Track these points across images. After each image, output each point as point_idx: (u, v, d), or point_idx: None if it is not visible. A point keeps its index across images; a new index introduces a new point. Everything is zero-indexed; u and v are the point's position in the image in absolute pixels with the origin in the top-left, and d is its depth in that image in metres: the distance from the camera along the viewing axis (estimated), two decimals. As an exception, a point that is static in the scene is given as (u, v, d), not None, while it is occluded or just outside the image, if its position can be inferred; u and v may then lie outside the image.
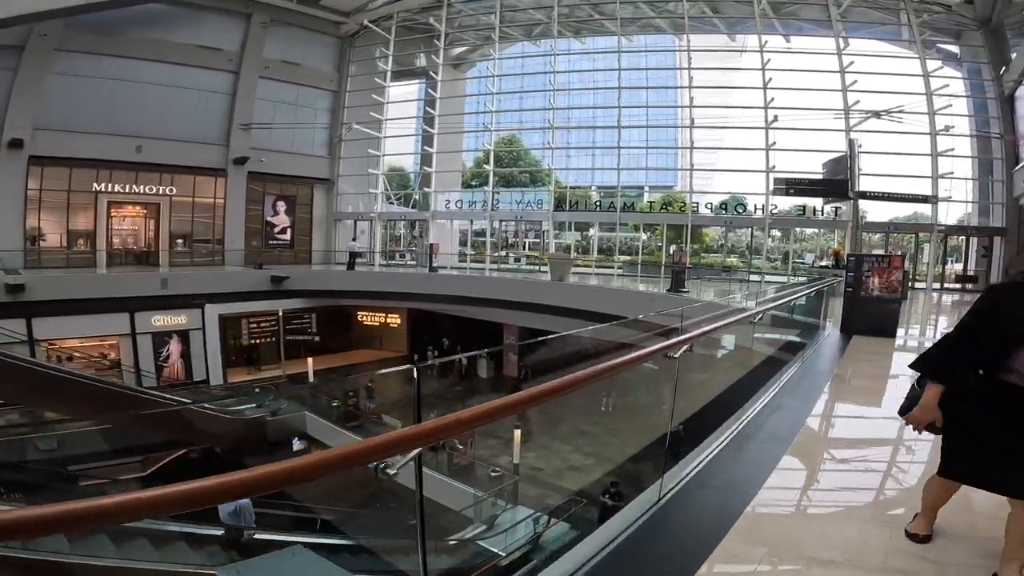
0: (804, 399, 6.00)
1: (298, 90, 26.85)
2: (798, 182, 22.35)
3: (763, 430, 5.03)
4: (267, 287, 22.57)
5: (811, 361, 7.92)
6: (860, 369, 7.83)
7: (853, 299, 9.73)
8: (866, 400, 6.35)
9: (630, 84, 27.12)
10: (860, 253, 14.50)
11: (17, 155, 19.71)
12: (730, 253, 29.32)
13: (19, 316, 16.99)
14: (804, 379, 6.85)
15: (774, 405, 5.81)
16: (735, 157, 26.35)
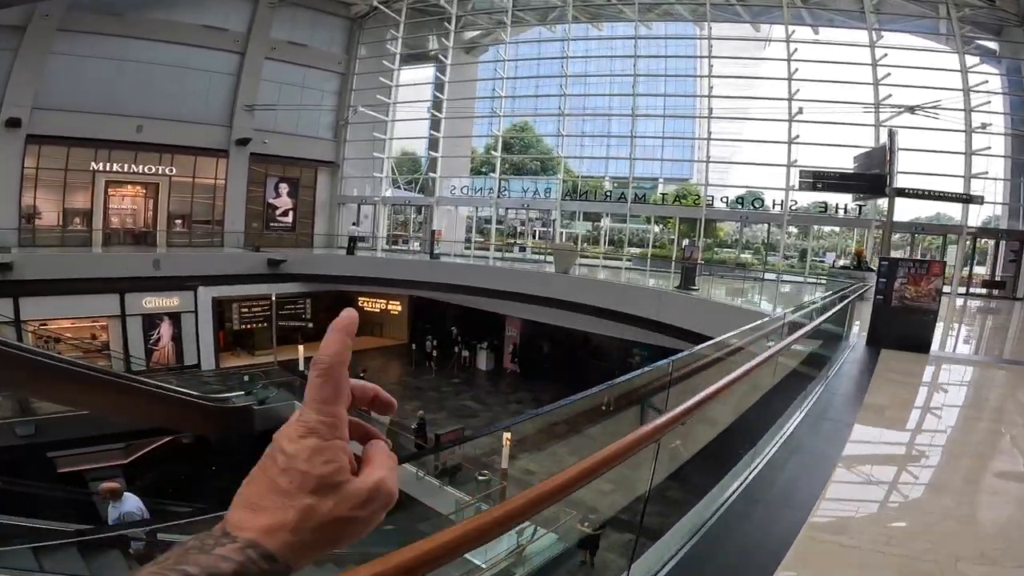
0: (830, 440, 4.75)
1: (305, 72, 25.75)
2: (827, 176, 20.62)
3: (776, 488, 3.80)
4: (263, 270, 21.65)
5: (836, 383, 6.62)
6: (896, 394, 6.52)
7: (884, 308, 8.38)
8: (912, 441, 5.06)
9: (646, 72, 25.55)
10: (895, 256, 12.94)
11: (14, 134, 19.00)
12: (745, 249, 27.82)
13: (6, 296, 16.19)
14: (829, 409, 5.58)
15: (792, 446, 4.58)
16: (755, 150, 24.78)
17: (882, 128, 21.31)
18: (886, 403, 6.09)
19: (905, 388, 6.82)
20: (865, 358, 8.06)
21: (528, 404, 19.70)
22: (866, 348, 8.65)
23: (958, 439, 5.04)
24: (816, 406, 5.65)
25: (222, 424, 16.63)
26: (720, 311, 14.40)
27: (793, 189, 22.45)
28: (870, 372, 7.28)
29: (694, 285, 16.35)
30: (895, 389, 6.70)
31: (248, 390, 17.68)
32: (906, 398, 6.38)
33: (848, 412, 5.60)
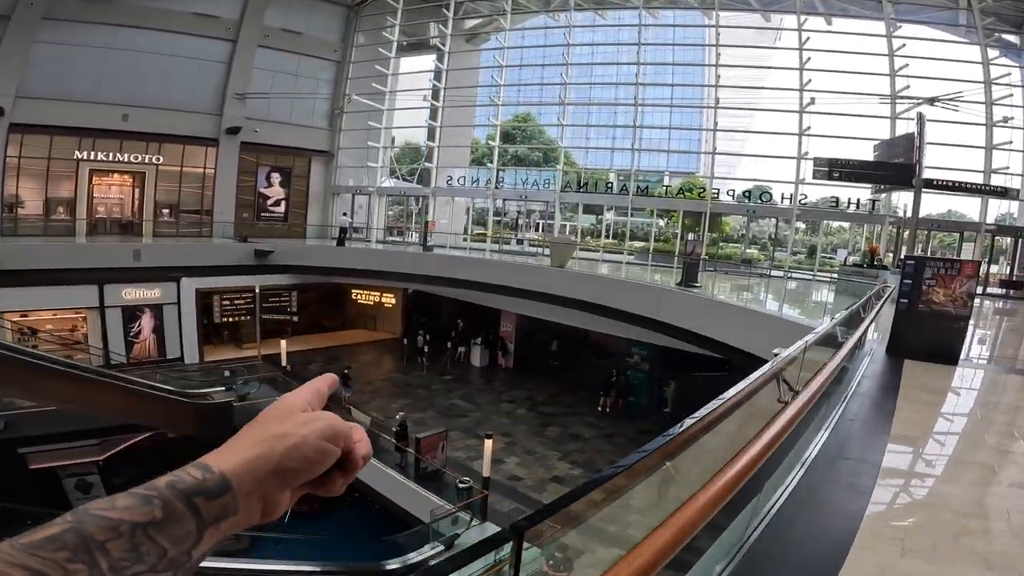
0: (851, 491, 3.62)
1: (299, 60, 24.68)
2: (844, 164, 19.09)
3: (780, 562, 2.72)
4: (250, 261, 20.66)
5: (854, 404, 5.46)
6: (930, 420, 5.36)
7: (909, 313, 7.20)
8: (960, 491, 3.91)
9: (651, 62, 24.22)
10: (922, 255, 11.53)
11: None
12: (751, 244, 26.50)
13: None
14: (848, 443, 4.44)
15: (801, 499, 3.49)
16: (764, 142, 23.40)
17: (899, 120, 19.96)
18: (918, 432, 4.93)
19: (939, 410, 5.66)
20: (887, 371, 6.89)
21: (522, 403, 18.61)
22: (886, 358, 7.48)
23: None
24: (832, 437, 4.51)
25: (200, 421, 15.70)
26: (723, 311, 13.23)
27: (803, 182, 21.14)
28: (895, 390, 6.10)
29: (696, 282, 15.16)
30: (928, 412, 5.53)
31: (228, 385, 16.78)
32: (943, 425, 5.21)
33: (872, 446, 4.45)
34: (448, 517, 11.02)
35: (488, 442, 11.71)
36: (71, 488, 15.46)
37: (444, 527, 11.07)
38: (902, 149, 17.82)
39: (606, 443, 15.96)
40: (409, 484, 12.47)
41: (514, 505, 12.30)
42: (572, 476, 13.83)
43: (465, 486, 11.84)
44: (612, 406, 18.57)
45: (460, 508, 11.24)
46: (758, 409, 2.98)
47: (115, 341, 18.12)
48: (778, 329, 11.31)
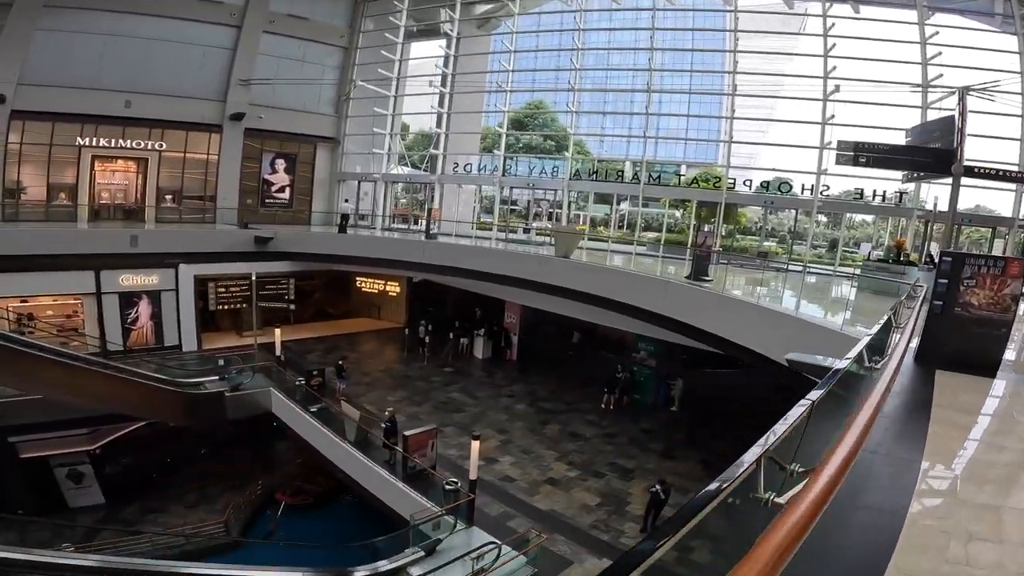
0: (871, 552, 2.66)
1: (305, 46, 23.88)
2: (871, 148, 17.47)
3: None
4: (250, 248, 20.07)
5: (877, 428, 4.41)
6: (965, 449, 4.32)
7: (943, 317, 6.11)
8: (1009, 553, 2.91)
9: (665, 47, 22.85)
10: (960, 251, 10.12)
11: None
12: (769, 237, 25.11)
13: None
14: (868, 484, 3.45)
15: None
16: (785, 131, 21.97)
17: (930, 110, 18.40)
18: (959, 468, 3.92)
19: (979, 437, 4.61)
20: (916, 384, 5.82)
21: (522, 399, 17.75)
22: (915, 367, 6.41)
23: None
24: (849, 477, 3.53)
25: (191, 412, 15.15)
26: (734, 307, 12.08)
27: (826, 172, 19.71)
28: (926, 409, 5.05)
29: (707, 276, 14.03)
30: (965, 441, 4.50)
31: (222, 375, 16.23)
32: (985, 456, 4.17)
33: (899, 488, 3.47)
34: (431, 521, 10.24)
35: (475, 443, 10.86)
36: (63, 478, 15.05)
37: (428, 531, 10.32)
38: (939, 134, 16.16)
39: (606, 443, 15.02)
40: (396, 483, 11.69)
41: (503, 508, 11.47)
42: (568, 478, 12.94)
43: (452, 488, 11.04)
44: (616, 403, 17.60)
45: (444, 512, 10.45)
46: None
47: (112, 328, 17.70)
48: (794, 329, 10.22)
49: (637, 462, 14.02)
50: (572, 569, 9.73)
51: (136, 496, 15.80)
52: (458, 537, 10.30)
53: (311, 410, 14.52)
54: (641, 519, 11.46)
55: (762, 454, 1.66)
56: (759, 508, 1.64)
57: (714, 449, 14.99)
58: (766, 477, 1.69)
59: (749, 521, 1.68)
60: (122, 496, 15.65)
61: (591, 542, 10.45)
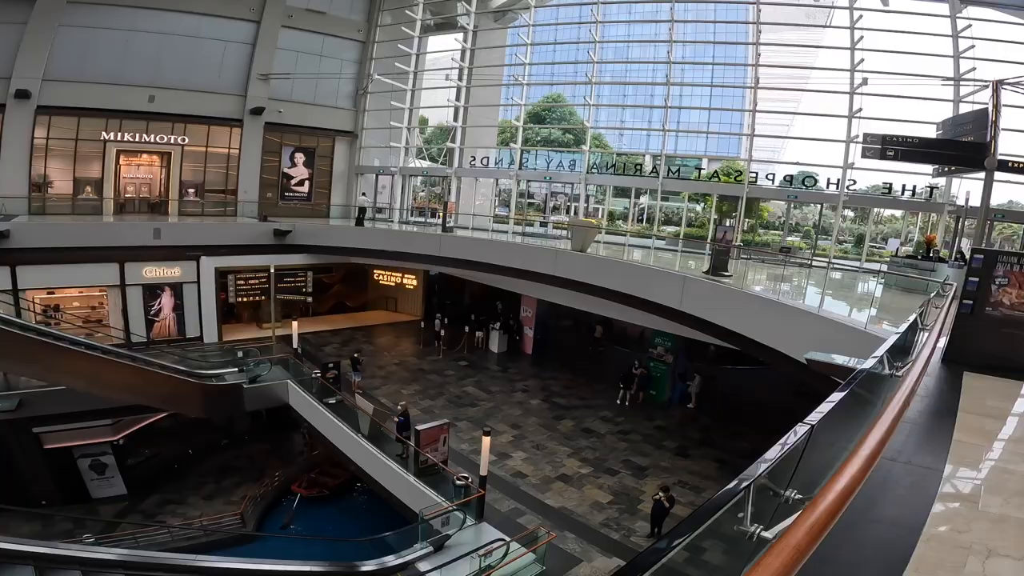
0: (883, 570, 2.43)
1: (323, 40, 23.91)
2: (900, 141, 16.75)
3: None
4: (269, 240, 20.27)
5: (899, 432, 4.15)
6: (993, 458, 4.02)
7: (974, 317, 5.76)
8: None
9: (685, 39, 22.31)
10: (993, 248, 9.60)
11: (24, 105, 18.20)
12: (793, 232, 24.42)
13: (3, 264, 15.40)
14: (884, 496, 3.21)
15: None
16: (810, 125, 21.31)
17: (962, 103, 17.60)
18: (983, 477, 3.63)
19: (1006, 442, 4.29)
20: (942, 387, 5.49)
21: (536, 394, 17.59)
22: (942, 368, 6.06)
23: None
24: (864, 486, 3.29)
25: (210, 403, 15.27)
26: (753, 304, 11.70)
27: (852, 167, 19.04)
28: (951, 414, 4.74)
29: (726, 271, 13.66)
30: (991, 448, 4.19)
31: (241, 367, 16.37)
32: (1014, 467, 3.87)
33: (918, 499, 3.21)
34: (441, 516, 10.18)
35: (486, 439, 10.74)
36: (86, 468, 15.31)
37: (437, 526, 10.26)
38: (971, 127, 15.38)
39: (620, 440, 14.77)
40: (408, 478, 11.64)
41: (514, 505, 11.35)
42: (580, 475, 12.75)
43: (463, 483, 10.97)
44: (631, 400, 17.33)
45: (454, 508, 10.38)
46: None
47: (136, 320, 18.06)
48: (816, 327, 9.85)
49: (651, 460, 13.76)
50: (580, 567, 9.57)
51: (157, 487, 16.09)
52: (467, 533, 10.22)
53: (327, 403, 14.54)
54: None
55: (745, 487, 1.45)
56: (744, 543, 1.45)
57: (730, 448, 14.65)
58: (755, 506, 1.49)
59: (736, 555, 1.49)
60: (143, 487, 15.95)
61: (601, 540, 10.27)
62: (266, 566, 8.27)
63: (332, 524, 14.99)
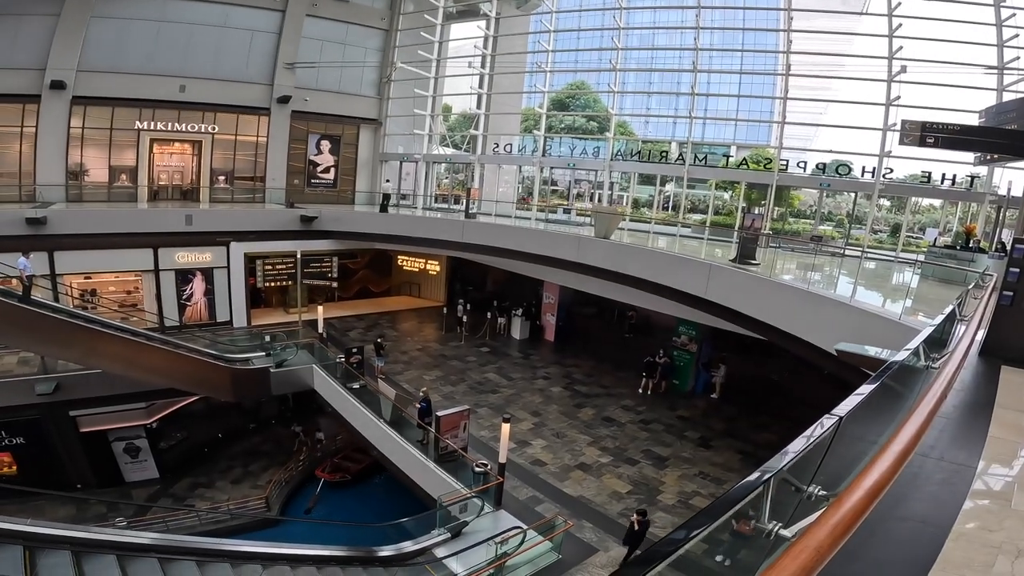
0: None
1: (347, 28, 23.92)
2: (940, 128, 15.92)
3: None
4: (296, 226, 20.54)
5: (933, 429, 3.94)
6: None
7: (1013, 309, 5.45)
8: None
9: (713, 26, 21.63)
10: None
11: (59, 96, 18.63)
12: (825, 221, 23.68)
13: (41, 249, 15.86)
14: (915, 486, 3.04)
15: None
16: (844, 112, 20.51)
17: (1006, 92, 16.73)
18: (1017, 475, 3.42)
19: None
20: (978, 381, 5.20)
21: (557, 381, 17.52)
22: (979, 362, 5.76)
23: None
24: (893, 485, 3.12)
25: (238, 387, 15.56)
26: (781, 293, 11.36)
27: (889, 155, 18.30)
28: (987, 408, 4.48)
29: (754, 259, 13.32)
30: None
31: (268, 351, 16.68)
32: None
33: (948, 496, 3.03)
34: (459, 503, 10.23)
35: (505, 426, 10.73)
36: (120, 452, 15.79)
37: (455, 512, 10.33)
38: (1015, 115, 14.61)
39: (642, 429, 14.62)
40: (428, 464, 11.72)
41: (532, 492, 11.34)
42: (600, 464, 12.66)
43: (482, 470, 11.01)
44: (654, 389, 17.13)
45: (472, 495, 10.42)
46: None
47: (169, 304, 18.53)
48: (847, 317, 9.53)
49: (672, 450, 13.59)
50: (597, 556, 9.52)
51: (187, 471, 16.59)
52: (485, 520, 10.27)
53: (350, 387, 14.68)
54: (672, 509, 11.12)
55: (766, 480, 1.35)
56: (761, 540, 1.35)
57: (754, 440, 14.38)
58: (774, 503, 1.38)
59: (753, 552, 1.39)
60: (175, 471, 16.43)
61: (619, 530, 10.19)
62: (288, 550, 8.45)
63: (354, 509, 15.27)
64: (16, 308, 12.19)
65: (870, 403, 2.18)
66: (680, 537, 1.11)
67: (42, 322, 12.42)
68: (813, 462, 1.63)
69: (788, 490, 1.48)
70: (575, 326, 22.24)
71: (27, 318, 12.28)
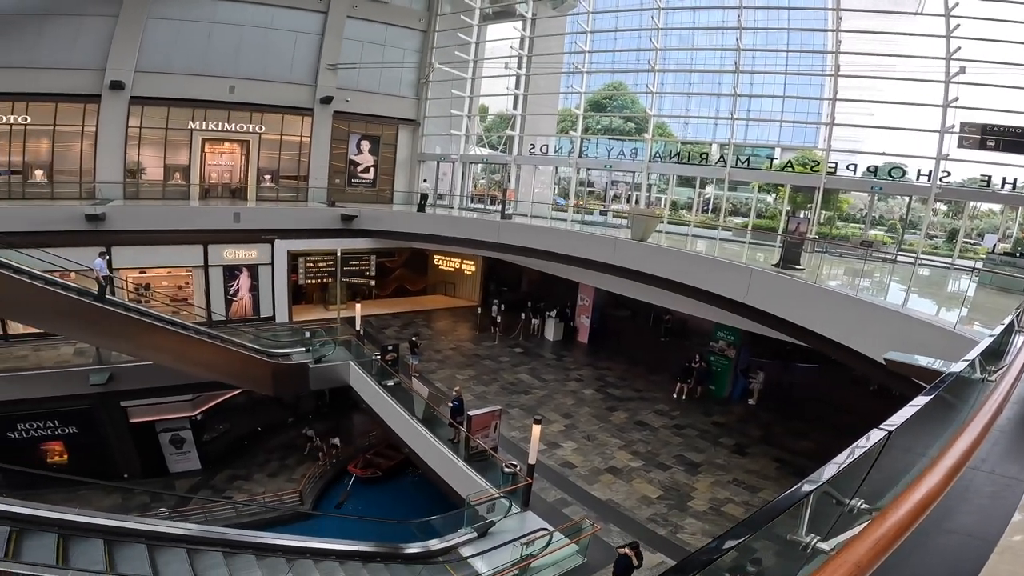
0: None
1: (386, 30, 24.37)
2: (1002, 131, 15.07)
3: None
4: (336, 225, 21.04)
5: (986, 442, 3.70)
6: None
7: (1085, 320, 5.10)
8: None
9: (756, 25, 21.02)
10: None
11: (119, 96, 19.55)
12: (876, 225, 22.69)
13: (99, 244, 16.68)
14: (966, 499, 2.86)
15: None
16: (896, 113, 19.59)
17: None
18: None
19: None
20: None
21: (590, 383, 17.36)
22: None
23: None
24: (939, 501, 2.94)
25: (278, 381, 15.93)
26: (828, 299, 10.91)
27: (947, 158, 17.41)
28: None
29: (799, 264, 12.90)
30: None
31: (307, 346, 17.10)
32: None
33: (997, 511, 2.84)
34: (487, 502, 10.24)
35: (536, 428, 10.68)
36: (166, 443, 16.36)
37: (483, 512, 10.35)
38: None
39: (675, 434, 14.33)
40: (458, 462, 11.79)
41: (560, 495, 11.26)
42: (630, 469, 12.46)
43: (511, 471, 10.99)
44: (689, 394, 16.77)
45: (500, 495, 10.42)
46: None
47: (216, 299, 19.24)
48: (898, 326, 9.11)
49: (706, 456, 13.27)
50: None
51: (227, 463, 17.15)
52: (512, 521, 10.25)
53: (385, 385, 14.87)
54: (703, 516, 10.85)
55: (809, 493, 1.28)
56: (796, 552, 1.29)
57: (792, 448, 13.93)
58: (812, 514, 1.32)
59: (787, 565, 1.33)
60: (216, 463, 17.00)
61: (646, 535, 10.00)
62: (313, 543, 8.66)
63: (384, 505, 15.48)
64: (89, 306, 12.91)
65: (923, 416, 2.07)
66: (721, 547, 1.07)
67: (107, 317, 13.11)
68: (858, 475, 1.55)
69: (828, 502, 1.41)
70: (609, 328, 22.00)
71: (96, 314, 12.99)
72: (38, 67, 18.02)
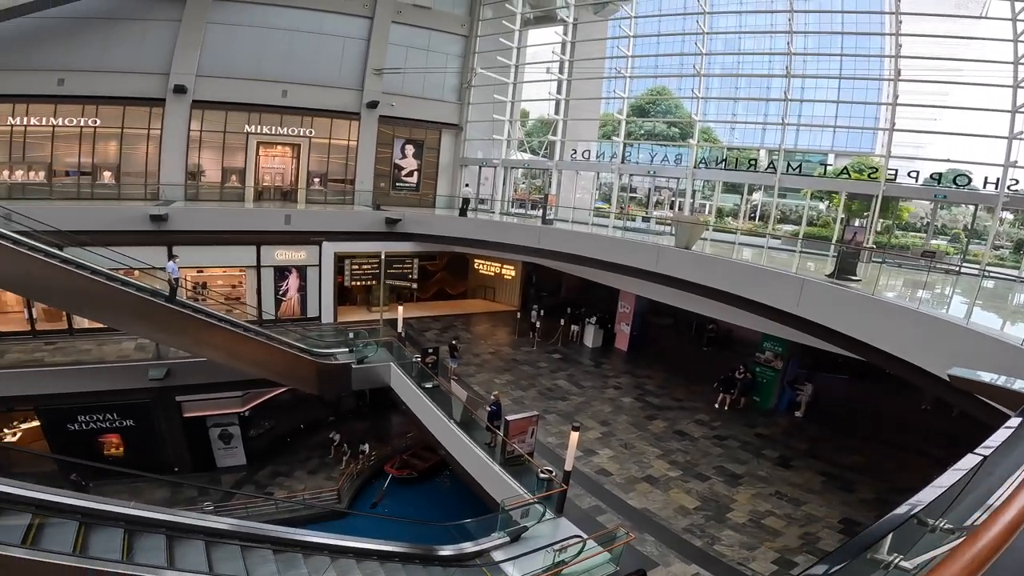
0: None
1: (430, 35, 24.82)
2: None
3: None
4: (381, 228, 21.49)
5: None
6: None
7: None
8: None
9: (808, 28, 20.37)
10: None
11: (181, 99, 20.51)
12: (938, 235, 21.52)
13: (162, 244, 17.61)
14: None
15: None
16: (961, 119, 18.56)
17: None
18: None
19: None
20: None
21: (629, 391, 17.06)
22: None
23: None
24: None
25: (323, 380, 16.20)
26: (886, 312, 10.36)
27: (1015, 165, 16.41)
28: None
29: (854, 274, 12.36)
30: None
31: (351, 347, 17.47)
32: None
33: None
34: (521, 508, 10.17)
35: (574, 435, 10.54)
36: (215, 438, 16.94)
37: (517, 517, 10.28)
38: None
39: (715, 445, 13.90)
40: (493, 466, 11.77)
41: (595, 502, 11.09)
42: (668, 478, 12.17)
43: (546, 476, 10.89)
44: (732, 404, 16.25)
45: (535, 500, 10.32)
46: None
47: (267, 299, 19.93)
48: (961, 340, 8.62)
49: (747, 468, 12.82)
50: (656, 572, 9.13)
51: (271, 459, 17.64)
52: (545, 526, 10.16)
53: (424, 387, 14.99)
54: (741, 528, 10.47)
55: (911, 516, 1.19)
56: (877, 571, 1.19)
57: (839, 462, 13.34)
58: (896, 533, 1.23)
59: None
60: (260, 459, 17.50)
61: (681, 545, 9.73)
62: (355, 543, 8.80)
63: (419, 505, 15.61)
64: (159, 306, 13.68)
65: (1020, 437, 1.91)
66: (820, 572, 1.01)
67: (174, 317, 13.83)
68: (948, 497, 1.44)
69: (911, 523, 1.31)
70: (650, 336, 21.64)
71: (166, 314, 13.73)
72: (106, 70, 19.04)
